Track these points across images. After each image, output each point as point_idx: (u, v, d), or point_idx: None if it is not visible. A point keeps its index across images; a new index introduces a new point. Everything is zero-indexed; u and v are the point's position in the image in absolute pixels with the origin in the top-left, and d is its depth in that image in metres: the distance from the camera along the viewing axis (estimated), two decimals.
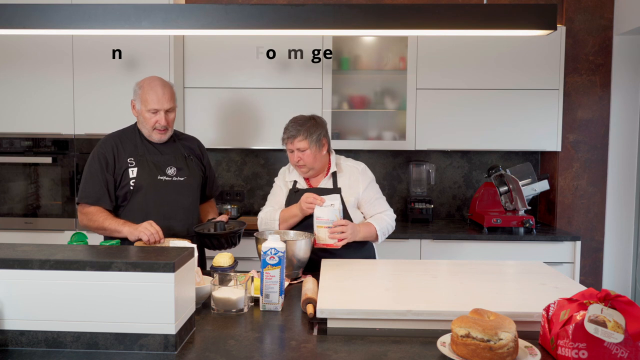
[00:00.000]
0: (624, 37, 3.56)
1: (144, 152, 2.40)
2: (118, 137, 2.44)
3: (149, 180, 2.36)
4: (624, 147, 3.63)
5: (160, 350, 1.43)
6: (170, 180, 2.40)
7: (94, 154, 2.40)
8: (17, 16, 1.78)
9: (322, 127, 2.45)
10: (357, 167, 2.53)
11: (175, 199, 2.40)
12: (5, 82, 3.42)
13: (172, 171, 2.41)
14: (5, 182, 3.46)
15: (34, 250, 1.53)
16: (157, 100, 2.34)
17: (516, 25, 1.79)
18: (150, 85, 2.36)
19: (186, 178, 2.44)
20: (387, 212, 2.53)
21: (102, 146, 2.40)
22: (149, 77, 2.43)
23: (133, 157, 2.38)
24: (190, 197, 2.47)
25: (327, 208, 2.27)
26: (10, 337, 1.44)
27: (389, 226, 2.50)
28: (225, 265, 2.05)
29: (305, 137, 2.38)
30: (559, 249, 3.34)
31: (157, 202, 2.37)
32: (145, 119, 2.37)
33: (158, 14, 1.78)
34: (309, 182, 2.52)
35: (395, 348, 1.48)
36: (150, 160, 2.40)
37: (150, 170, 2.38)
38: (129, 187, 2.36)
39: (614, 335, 1.28)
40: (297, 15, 1.78)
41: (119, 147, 2.39)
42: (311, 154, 2.40)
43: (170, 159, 2.43)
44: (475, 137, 3.58)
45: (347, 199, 2.45)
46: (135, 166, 2.37)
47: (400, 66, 3.67)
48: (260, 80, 3.56)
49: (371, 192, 2.50)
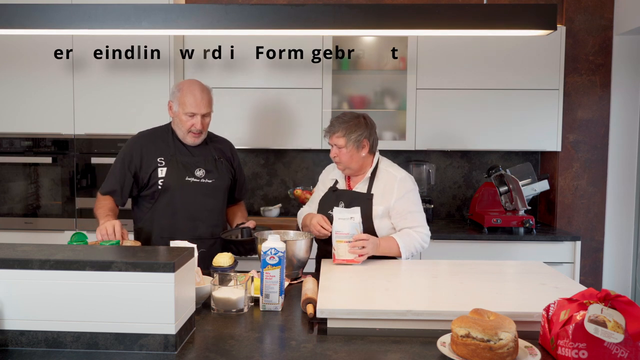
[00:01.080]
0: (624, 37, 3.56)
1: (175, 152, 2.42)
2: (149, 136, 2.47)
3: (176, 181, 2.38)
4: (624, 147, 3.63)
5: (160, 350, 1.43)
6: (197, 182, 2.41)
7: (122, 150, 2.46)
8: (17, 16, 1.78)
9: (366, 128, 2.34)
10: (395, 175, 2.36)
11: (202, 201, 2.42)
12: (5, 82, 3.42)
13: (201, 173, 2.42)
14: (5, 182, 3.46)
15: (34, 250, 1.52)
16: (195, 104, 2.35)
17: (516, 25, 1.79)
18: (190, 89, 2.37)
19: (214, 180, 2.44)
20: (417, 228, 2.32)
21: (130, 144, 2.45)
22: (189, 80, 2.44)
23: (163, 157, 2.41)
24: (217, 199, 2.47)
25: (347, 221, 2.17)
26: (10, 337, 1.44)
27: (416, 243, 2.30)
28: (225, 265, 2.04)
29: (343, 134, 2.32)
30: (559, 249, 3.33)
31: (184, 202, 2.39)
32: (182, 122, 2.38)
33: (158, 14, 1.78)
34: (350, 182, 2.44)
35: (395, 348, 1.48)
36: (180, 161, 2.41)
37: (179, 171, 2.40)
38: (157, 186, 2.38)
39: (614, 335, 1.28)
40: (297, 15, 1.78)
41: (149, 147, 2.42)
42: (347, 153, 2.33)
43: (200, 160, 2.44)
44: (475, 137, 3.58)
45: (376, 207, 2.33)
46: (165, 166, 2.39)
47: (400, 66, 3.67)
48: (260, 80, 3.56)
49: (405, 204, 2.32)
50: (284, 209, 3.90)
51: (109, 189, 2.41)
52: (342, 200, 2.39)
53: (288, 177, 3.97)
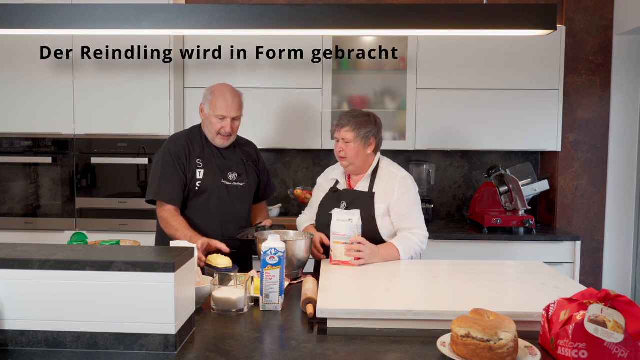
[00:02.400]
0: (624, 37, 3.56)
1: (210, 155, 2.45)
2: (188, 137, 2.48)
3: (213, 184, 2.41)
4: (624, 147, 3.63)
5: (160, 350, 1.43)
6: (231, 185, 2.45)
7: (166, 151, 2.42)
8: (17, 16, 1.78)
9: (375, 126, 2.37)
10: (396, 174, 2.38)
11: (233, 203, 2.45)
12: (5, 82, 3.42)
13: (233, 176, 2.46)
14: (5, 182, 3.46)
15: (34, 250, 1.53)
16: (225, 107, 2.39)
17: (516, 25, 1.79)
18: (221, 92, 2.42)
19: (245, 184, 2.49)
20: (415, 230, 2.32)
21: (174, 144, 2.44)
22: (221, 84, 2.48)
23: (201, 159, 2.43)
24: (246, 202, 2.52)
25: (345, 223, 2.16)
26: (10, 337, 1.44)
27: (415, 246, 2.29)
28: (221, 266, 2.04)
29: (352, 128, 2.33)
30: (559, 249, 3.33)
31: (217, 205, 2.42)
32: (212, 124, 2.41)
33: (158, 14, 1.78)
34: (350, 181, 2.45)
35: (395, 348, 1.48)
36: (215, 163, 2.44)
37: (215, 173, 2.43)
38: (194, 188, 2.40)
39: (614, 335, 1.28)
40: (297, 15, 1.78)
41: (190, 147, 2.44)
42: (354, 148, 2.33)
43: (232, 164, 2.48)
44: (475, 137, 3.58)
45: (378, 205, 2.33)
46: (202, 168, 2.42)
47: (400, 66, 3.67)
48: (260, 80, 3.56)
49: (404, 203, 2.33)
50: (284, 209, 3.90)
51: (170, 195, 2.36)
52: (344, 199, 2.39)
53: (288, 177, 3.97)
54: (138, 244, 2.16)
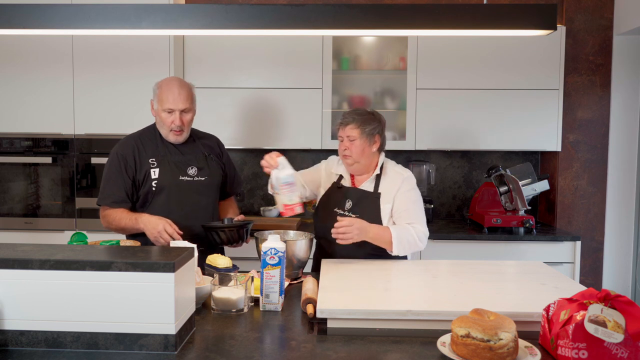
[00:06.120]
0: (624, 37, 3.56)
1: (165, 152, 2.41)
2: (138, 138, 2.44)
3: (171, 181, 2.37)
4: (624, 147, 3.63)
5: (160, 350, 1.43)
6: (191, 181, 2.40)
7: (113, 154, 2.39)
8: (17, 16, 1.78)
9: (380, 124, 2.36)
10: (401, 174, 2.37)
11: (196, 199, 2.41)
12: (5, 82, 3.42)
13: (193, 171, 2.41)
14: (5, 182, 3.46)
15: (34, 250, 1.52)
16: (172, 100, 2.34)
17: (516, 25, 1.79)
18: (168, 86, 2.37)
19: (207, 178, 2.44)
20: (415, 224, 2.28)
21: (122, 147, 2.41)
22: (168, 78, 2.43)
23: (154, 158, 2.39)
24: (210, 197, 2.47)
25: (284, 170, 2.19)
26: (10, 337, 1.44)
27: (410, 238, 2.24)
28: (221, 266, 2.03)
29: (357, 126, 2.32)
30: (559, 249, 3.33)
31: (178, 202, 2.38)
32: (162, 119, 2.37)
33: (158, 14, 1.78)
34: (354, 180, 2.43)
35: (395, 348, 1.48)
36: (172, 160, 2.40)
37: (172, 170, 2.38)
38: (150, 188, 2.36)
39: (614, 335, 1.28)
40: (297, 15, 1.78)
41: (140, 148, 2.39)
42: (359, 146, 2.32)
43: (191, 159, 2.43)
44: (475, 137, 3.58)
45: (384, 206, 2.32)
46: (157, 167, 2.37)
47: (400, 66, 3.67)
48: (259, 80, 3.56)
49: (405, 200, 2.32)
50: None
51: (115, 199, 2.34)
52: (349, 198, 2.37)
53: None
54: (138, 244, 2.16)
